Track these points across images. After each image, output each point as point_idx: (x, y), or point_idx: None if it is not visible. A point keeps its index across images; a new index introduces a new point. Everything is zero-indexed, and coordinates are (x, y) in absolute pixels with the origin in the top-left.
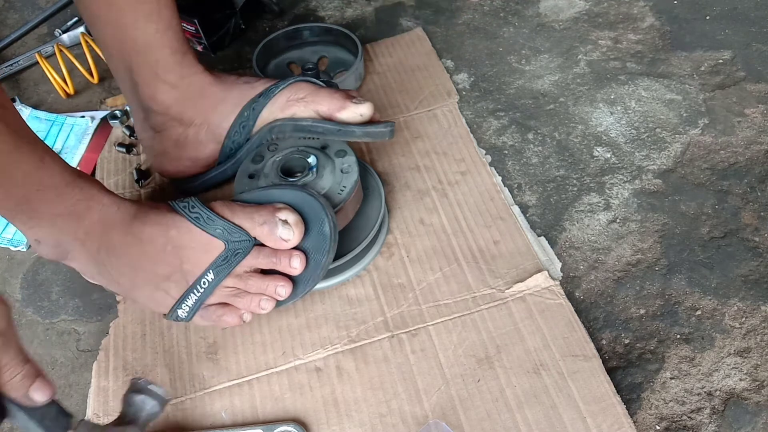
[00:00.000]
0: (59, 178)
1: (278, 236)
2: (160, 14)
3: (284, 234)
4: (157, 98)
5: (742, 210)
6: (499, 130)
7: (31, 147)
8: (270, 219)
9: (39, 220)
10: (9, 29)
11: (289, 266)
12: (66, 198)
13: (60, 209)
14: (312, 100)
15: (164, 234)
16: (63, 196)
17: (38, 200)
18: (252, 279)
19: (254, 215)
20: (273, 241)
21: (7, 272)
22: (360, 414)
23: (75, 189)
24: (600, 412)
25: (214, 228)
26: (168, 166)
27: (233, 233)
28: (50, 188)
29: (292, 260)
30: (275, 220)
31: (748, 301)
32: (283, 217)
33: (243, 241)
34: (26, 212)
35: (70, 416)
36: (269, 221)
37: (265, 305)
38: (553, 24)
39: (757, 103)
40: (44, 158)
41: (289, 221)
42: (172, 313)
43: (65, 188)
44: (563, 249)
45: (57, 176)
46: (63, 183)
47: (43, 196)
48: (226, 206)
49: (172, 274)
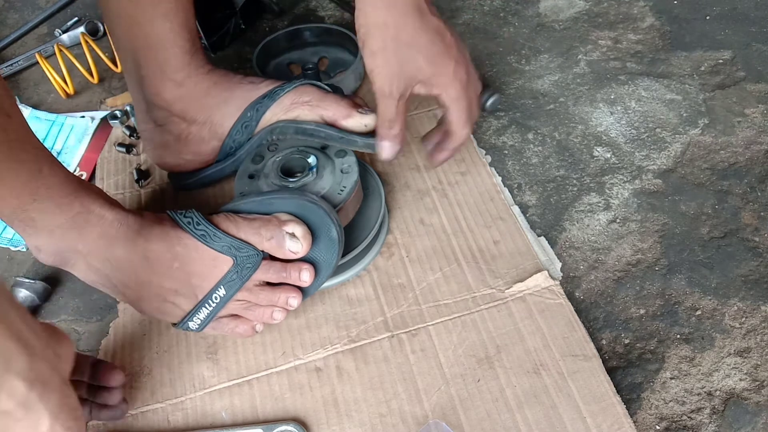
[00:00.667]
0: (57, 189)
1: (287, 250)
2: (176, 13)
3: (293, 247)
4: (161, 94)
5: (742, 210)
6: (499, 130)
7: (31, 156)
8: (277, 233)
9: (36, 229)
10: (9, 29)
11: (299, 280)
12: (65, 210)
13: (59, 221)
14: (317, 105)
15: (170, 250)
16: (61, 207)
17: (35, 210)
18: (262, 292)
19: (261, 230)
20: (282, 254)
21: (7, 272)
22: (360, 414)
23: (74, 201)
24: (600, 412)
25: (221, 245)
26: (168, 159)
27: (241, 249)
28: (47, 199)
29: (301, 274)
30: (282, 233)
31: (748, 301)
32: (290, 230)
33: (251, 255)
34: (24, 221)
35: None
36: (276, 235)
37: (277, 316)
38: (553, 24)
39: (757, 103)
40: (42, 169)
41: (297, 234)
42: (182, 324)
43: (63, 200)
44: (563, 249)
45: (55, 188)
46: (61, 194)
47: (40, 206)
48: (231, 221)
49: (180, 288)
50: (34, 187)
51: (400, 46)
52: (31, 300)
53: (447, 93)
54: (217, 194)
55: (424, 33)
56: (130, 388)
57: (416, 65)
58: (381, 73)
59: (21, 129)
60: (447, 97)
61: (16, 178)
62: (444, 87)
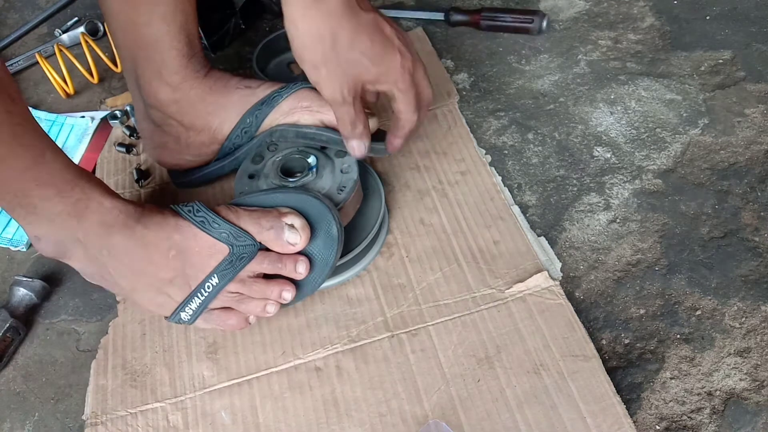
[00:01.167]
0: (59, 175)
1: (285, 240)
2: (175, 16)
3: (291, 238)
4: (158, 96)
5: (742, 210)
6: (499, 130)
7: (33, 141)
8: (276, 223)
9: (37, 216)
10: (9, 29)
11: (295, 271)
12: (65, 196)
13: (59, 208)
14: (317, 110)
15: (168, 238)
16: (62, 194)
17: (36, 196)
18: (256, 284)
19: (260, 220)
20: (280, 245)
21: (7, 272)
22: (360, 414)
23: (75, 188)
24: (600, 412)
25: (219, 232)
26: (167, 159)
27: (238, 237)
28: (49, 185)
29: (297, 265)
30: (281, 224)
31: (748, 301)
32: (290, 222)
33: (248, 245)
34: (25, 207)
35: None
36: (276, 225)
37: (270, 309)
38: (553, 24)
39: (757, 103)
40: (45, 153)
41: (296, 225)
42: (175, 315)
43: (64, 186)
44: (563, 249)
45: (57, 173)
46: (62, 181)
47: (42, 192)
48: (231, 210)
49: (174, 278)
50: (37, 172)
51: (341, 53)
52: (29, 299)
53: (397, 86)
54: (217, 193)
55: (362, 33)
56: (130, 387)
57: (361, 67)
58: (328, 85)
59: (25, 113)
60: (397, 90)
61: (20, 161)
62: (393, 82)
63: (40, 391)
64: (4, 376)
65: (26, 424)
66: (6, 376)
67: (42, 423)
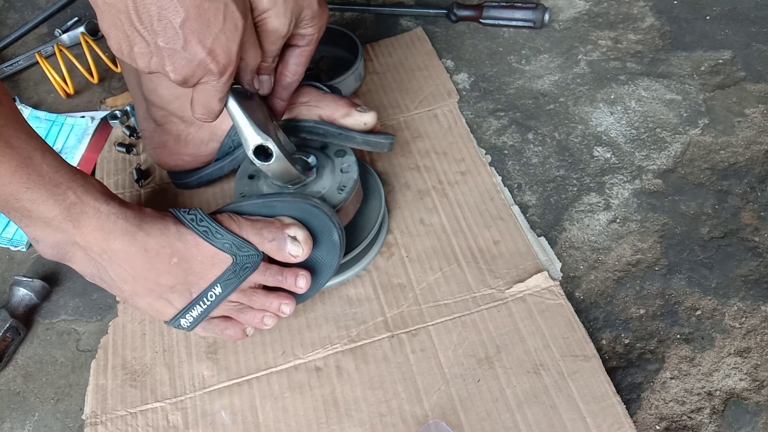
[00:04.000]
0: (49, 178)
1: (287, 253)
2: None
3: (293, 251)
4: (158, 92)
5: (742, 210)
6: (499, 130)
7: (20, 143)
8: (279, 235)
9: (32, 219)
10: (9, 29)
11: (295, 286)
12: (58, 200)
13: (54, 211)
14: (316, 105)
15: (170, 245)
16: (55, 197)
17: (27, 200)
18: (256, 295)
19: (263, 231)
20: (282, 257)
21: (7, 272)
22: (360, 414)
23: (68, 191)
24: (600, 412)
25: (222, 242)
26: (167, 159)
27: (242, 248)
28: (40, 187)
29: (298, 280)
30: (284, 236)
31: (748, 301)
32: (292, 234)
33: (251, 255)
34: (18, 210)
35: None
36: (278, 237)
37: (268, 321)
38: (553, 24)
39: (757, 103)
40: (34, 156)
41: (299, 238)
42: (174, 321)
43: (56, 189)
44: (563, 249)
45: (46, 176)
46: (53, 183)
47: (32, 195)
48: (233, 220)
49: (175, 285)
50: (26, 175)
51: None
52: (29, 298)
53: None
54: (217, 194)
55: None
56: (130, 387)
57: (306, 1)
58: (280, 12)
59: (11, 115)
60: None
61: (6, 164)
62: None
63: (40, 391)
64: (4, 376)
65: (26, 424)
66: (6, 376)
67: (42, 423)
